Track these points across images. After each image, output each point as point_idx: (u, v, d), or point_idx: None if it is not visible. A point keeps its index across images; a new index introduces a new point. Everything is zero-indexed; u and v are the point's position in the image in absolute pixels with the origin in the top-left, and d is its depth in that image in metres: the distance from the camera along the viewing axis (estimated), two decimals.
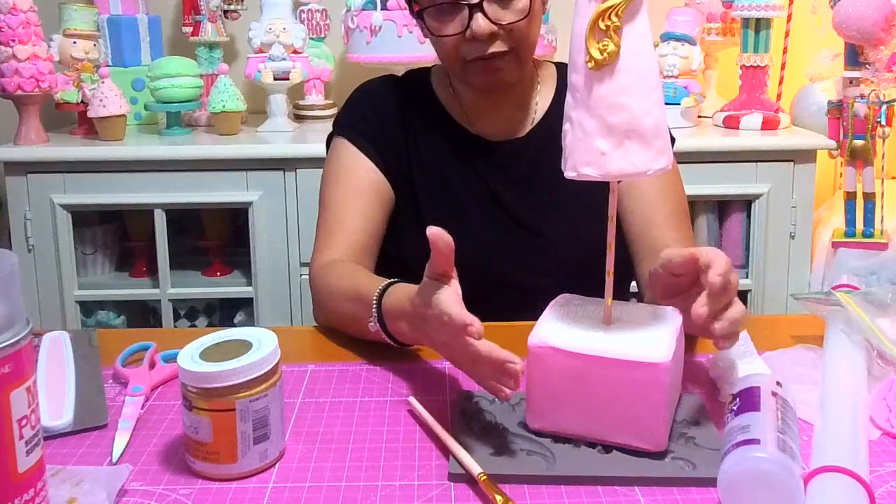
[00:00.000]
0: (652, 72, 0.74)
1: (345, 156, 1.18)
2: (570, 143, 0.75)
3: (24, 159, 1.88)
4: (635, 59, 0.72)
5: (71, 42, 2.04)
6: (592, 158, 0.73)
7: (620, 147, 0.73)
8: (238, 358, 0.71)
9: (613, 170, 0.73)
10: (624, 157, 0.73)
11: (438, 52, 1.13)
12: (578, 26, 0.73)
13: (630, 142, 0.73)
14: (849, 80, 1.92)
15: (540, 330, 0.77)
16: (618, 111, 0.72)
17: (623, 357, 0.73)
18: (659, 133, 0.74)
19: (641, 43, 0.73)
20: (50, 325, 1.89)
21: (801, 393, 0.77)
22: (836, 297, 0.92)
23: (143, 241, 2.06)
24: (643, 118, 0.72)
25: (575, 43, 0.74)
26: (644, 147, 0.73)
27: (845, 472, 0.63)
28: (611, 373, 0.73)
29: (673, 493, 0.68)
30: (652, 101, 0.73)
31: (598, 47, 0.71)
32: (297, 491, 0.70)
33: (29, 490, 0.58)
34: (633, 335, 0.76)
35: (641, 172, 0.74)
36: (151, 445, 0.77)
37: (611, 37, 0.71)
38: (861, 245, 1.90)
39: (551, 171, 1.15)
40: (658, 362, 0.72)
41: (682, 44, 2.05)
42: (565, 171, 0.76)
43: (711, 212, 2.07)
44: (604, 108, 0.72)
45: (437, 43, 1.11)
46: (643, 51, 0.73)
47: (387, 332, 0.93)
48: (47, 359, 0.91)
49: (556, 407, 0.75)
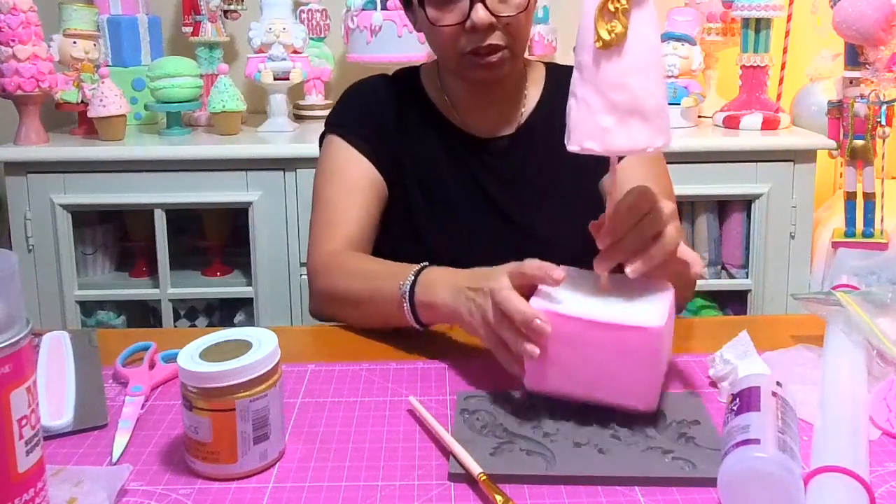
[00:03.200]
0: (655, 55, 0.78)
1: (338, 153, 1.20)
2: (575, 118, 0.79)
3: (24, 159, 1.88)
4: (641, 42, 0.76)
5: (71, 42, 2.04)
6: (595, 134, 0.77)
7: (623, 124, 0.76)
8: (238, 358, 0.71)
9: (615, 145, 0.77)
10: (626, 134, 0.77)
11: (435, 43, 1.14)
12: (588, 6, 0.76)
13: (633, 119, 0.76)
14: (849, 80, 1.92)
15: (540, 296, 0.80)
16: (622, 90, 0.76)
17: (620, 322, 0.76)
18: (660, 112, 0.78)
19: (647, 27, 0.76)
20: (50, 325, 1.89)
21: (801, 393, 0.77)
22: (836, 297, 0.92)
23: (143, 241, 2.06)
24: (646, 97, 0.76)
25: (584, 23, 0.77)
26: (645, 124, 0.77)
27: (845, 472, 0.63)
28: (608, 336, 0.76)
29: (673, 493, 0.68)
30: (654, 82, 0.77)
31: (607, 28, 0.75)
32: (297, 491, 0.70)
33: (29, 490, 0.58)
34: (628, 302, 0.80)
35: (642, 148, 0.78)
36: (151, 445, 0.77)
37: (619, 18, 0.75)
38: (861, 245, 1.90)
39: (540, 167, 1.17)
40: (653, 327, 0.76)
41: (682, 44, 2.05)
42: (568, 145, 0.80)
43: (711, 212, 2.07)
44: (609, 87, 0.76)
45: (435, 34, 1.12)
46: (648, 34, 0.77)
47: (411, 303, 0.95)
48: (47, 359, 0.91)
49: (554, 369, 0.79)
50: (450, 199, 1.19)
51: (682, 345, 0.99)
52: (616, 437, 0.76)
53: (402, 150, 1.20)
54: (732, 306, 2.12)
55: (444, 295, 0.92)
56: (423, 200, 1.19)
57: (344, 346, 1.02)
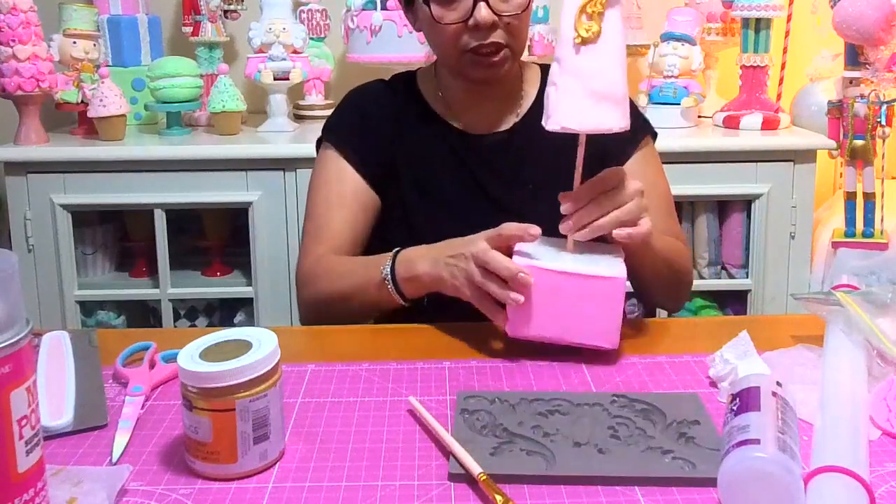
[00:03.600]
0: (622, 50, 0.94)
1: (330, 164, 1.23)
2: (554, 103, 0.94)
3: (24, 159, 1.88)
4: (612, 39, 0.92)
5: (71, 42, 2.04)
6: (574, 115, 0.93)
7: (597, 107, 0.92)
8: (238, 358, 0.71)
9: (590, 124, 0.93)
10: (599, 115, 0.92)
11: (437, 41, 1.16)
12: (568, 9, 0.93)
13: (605, 102, 0.92)
14: (849, 80, 1.92)
15: (520, 255, 0.94)
16: (597, 78, 0.92)
17: (590, 273, 0.92)
18: (624, 100, 0.94)
19: (617, 27, 0.93)
20: (50, 325, 1.89)
21: (801, 393, 0.77)
22: (836, 297, 0.92)
23: (143, 241, 2.06)
24: (617, 86, 0.93)
25: (564, 23, 0.93)
26: (615, 108, 0.93)
27: (845, 472, 0.63)
28: (581, 286, 0.92)
29: (673, 493, 0.68)
30: (620, 73, 0.94)
31: (585, 27, 0.91)
32: (297, 491, 0.70)
33: (29, 490, 0.58)
34: (594, 258, 0.95)
35: (609, 128, 0.93)
36: (151, 445, 0.77)
37: (595, 20, 0.91)
38: (861, 245, 1.90)
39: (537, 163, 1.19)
40: (617, 276, 0.92)
41: (682, 44, 2.04)
42: (547, 125, 0.94)
43: (711, 212, 2.07)
44: (586, 76, 0.92)
45: (438, 32, 1.13)
46: (617, 34, 0.93)
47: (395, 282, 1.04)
48: (47, 359, 0.91)
49: (533, 316, 0.93)
50: (447, 198, 1.21)
51: (682, 345, 0.99)
52: (616, 437, 0.76)
53: (398, 154, 1.22)
54: (732, 306, 2.12)
55: (425, 266, 1.02)
56: (420, 200, 1.21)
57: (344, 346, 1.02)
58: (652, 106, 2.05)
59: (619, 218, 0.94)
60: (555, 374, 0.91)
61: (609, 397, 0.83)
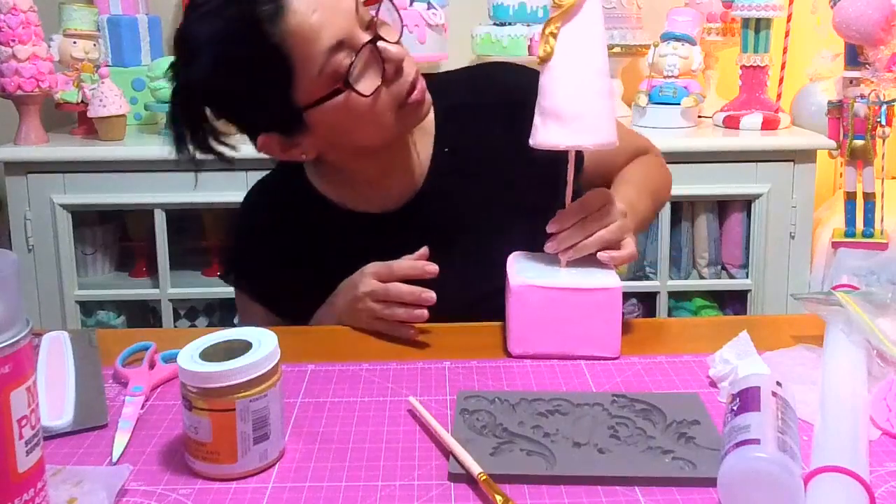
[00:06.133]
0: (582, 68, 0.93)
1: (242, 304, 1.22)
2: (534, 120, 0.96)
3: (24, 159, 1.88)
4: (565, 58, 0.92)
5: (71, 42, 2.05)
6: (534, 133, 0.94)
7: (544, 125, 0.93)
8: (238, 358, 0.71)
9: (537, 141, 0.94)
10: (545, 132, 0.93)
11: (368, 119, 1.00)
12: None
13: (549, 120, 0.92)
14: (849, 80, 1.92)
15: (517, 274, 0.96)
16: (546, 96, 0.93)
17: (587, 286, 0.93)
18: (579, 116, 0.92)
19: (575, 46, 0.92)
20: (50, 325, 1.89)
21: (801, 393, 0.77)
22: (836, 297, 0.92)
23: (143, 241, 2.06)
24: (564, 103, 0.92)
25: None
26: (561, 126, 0.92)
27: (845, 472, 0.63)
28: (580, 300, 0.93)
29: (673, 493, 0.68)
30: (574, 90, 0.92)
31: (543, 47, 0.93)
32: (297, 491, 0.70)
33: (29, 490, 0.58)
34: (588, 271, 0.96)
35: (554, 145, 0.93)
36: (151, 445, 0.77)
37: (549, 39, 0.92)
38: (861, 245, 1.91)
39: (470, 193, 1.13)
40: (613, 287, 0.93)
41: (682, 44, 2.05)
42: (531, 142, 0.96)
43: (711, 212, 2.07)
44: (542, 94, 0.94)
45: (372, 104, 0.99)
46: (574, 52, 0.92)
47: None
48: (47, 359, 0.91)
49: (534, 333, 0.94)
50: None
51: (682, 345, 0.99)
52: (616, 437, 0.76)
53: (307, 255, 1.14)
54: (732, 306, 2.12)
55: (331, 322, 1.07)
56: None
57: (344, 346, 1.02)
58: (652, 106, 2.05)
59: (604, 237, 0.96)
60: (555, 374, 0.91)
61: (609, 397, 0.83)
